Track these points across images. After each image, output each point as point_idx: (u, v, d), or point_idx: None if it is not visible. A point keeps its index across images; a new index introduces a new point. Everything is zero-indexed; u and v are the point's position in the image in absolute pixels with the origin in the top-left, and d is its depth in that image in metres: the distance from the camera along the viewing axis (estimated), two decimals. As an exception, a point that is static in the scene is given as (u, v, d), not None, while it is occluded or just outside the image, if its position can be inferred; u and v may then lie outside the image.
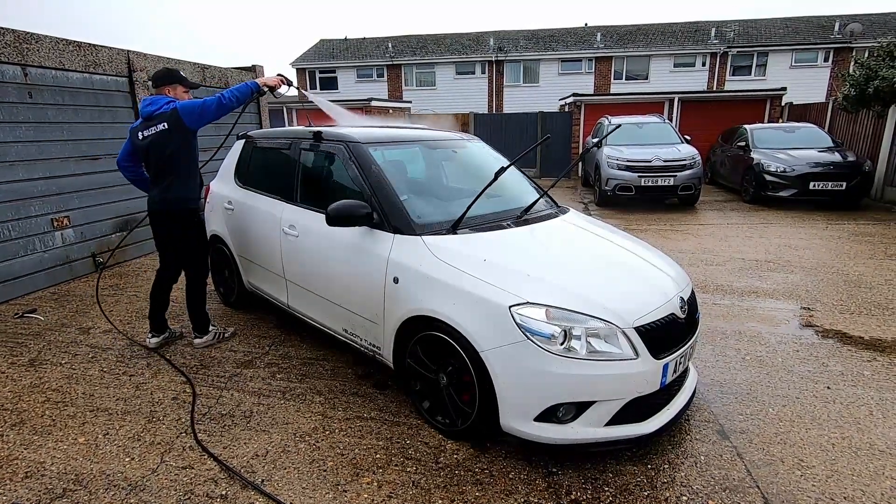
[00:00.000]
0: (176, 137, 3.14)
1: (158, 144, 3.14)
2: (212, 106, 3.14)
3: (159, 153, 3.16)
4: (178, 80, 3.34)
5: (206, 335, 3.57)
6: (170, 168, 3.20)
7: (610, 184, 8.67)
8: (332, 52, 25.31)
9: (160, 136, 3.13)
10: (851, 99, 9.09)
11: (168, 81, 3.29)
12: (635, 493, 2.13)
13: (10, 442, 2.50)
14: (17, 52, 4.60)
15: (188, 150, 3.25)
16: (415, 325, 2.49)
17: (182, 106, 3.14)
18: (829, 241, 6.38)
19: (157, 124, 3.12)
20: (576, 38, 23.95)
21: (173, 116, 3.11)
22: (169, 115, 3.12)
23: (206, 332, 3.57)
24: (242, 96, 3.24)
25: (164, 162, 3.18)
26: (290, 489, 2.15)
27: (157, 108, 3.16)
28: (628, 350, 2.13)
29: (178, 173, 3.23)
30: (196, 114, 3.14)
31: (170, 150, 3.15)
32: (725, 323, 3.89)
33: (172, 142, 3.14)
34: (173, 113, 3.12)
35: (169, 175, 3.21)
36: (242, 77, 7.92)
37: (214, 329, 3.64)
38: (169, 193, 3.23)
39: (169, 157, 3.17)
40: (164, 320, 3.58)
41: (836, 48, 20.71)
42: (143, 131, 3.17)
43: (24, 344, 3.65)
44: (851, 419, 2.63)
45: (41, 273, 4.83)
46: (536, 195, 3.20)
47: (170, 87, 3.29)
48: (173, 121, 3.11)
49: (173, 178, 3.22)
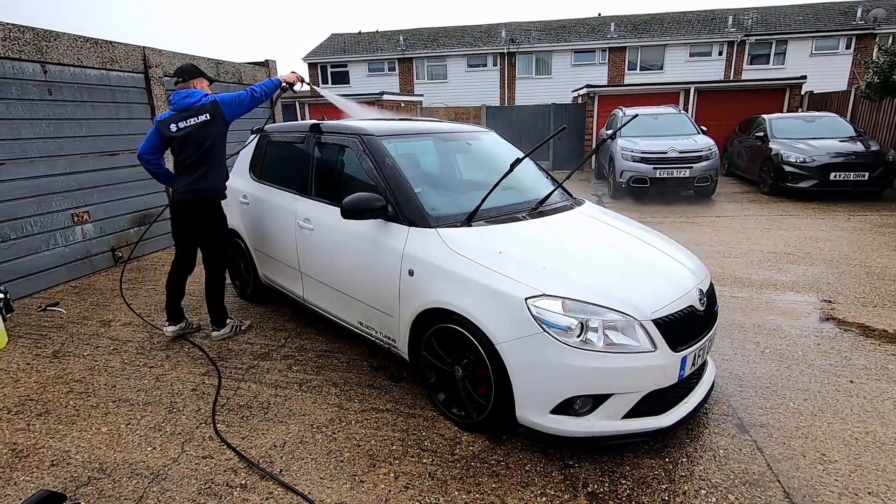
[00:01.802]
0: (215, 129, 3.29)
1: (198, 135, 3.24)
2: (246, 99, 3.35)
3: (198, 144, 3.25)
4: (203, 75, 3.48)
5: (223, 328, 3.61)
6: (206, 158, 3.29)
7: (624, 176, 8.56)
8: (343, 47, 25.30)
9: (202, 126, 3.24)
10: (875, 87, 8.86)
11: (196, 75, 3.42)
12: (653, 486, 2.11)
13: (37, 431, 2.56)
14: (37, 50, 4.67)
15: (223, 141, 3.39)
16: (430, 317, 2.49)
17: (222, 98, 3.31)
18: (851, 232, 6.23)
19: (198, 115, 3.24)
20: (589, 28, 23.62)
21: (215, 108, 3.27)
22: (211, 107, 3.26)
23: (223, 324, 3.62)
24: (269, 90, 3.47)
25: (202, 152, 3.27)
26: (308, 479, 2.18)
27: (196, 101, 3.28)
28: (646, 343, 2.11)
29: (212, 164, 3.32)
30: (234, 106, 3.33)
31: (210, 140, 3.27)
32: (744, 316, 3.83)
33: (212, 133, 3.27)
34: (214, 104, 3.27)
35: (204, 165, 3.30)
36: (255, 72, 7.96)
37: (231, 322, 3.69)
38: (201, 184, 3.30)
39: (208, 148, 3.27)
40: (179, 309, 3.64)
41: (858, 35, 20.13)
42: (178, 123, 3.24)
43: (47, 336, 3.73)
44: (875, 413, 2.58)
45: (63, 267, 4.93)
46: (551, 187, 3.17)
47: (197, 80, 3.40)
48: (214, 111, 3.26)
49: (208, 168, 3.30)
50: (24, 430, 2.57)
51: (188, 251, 3.53)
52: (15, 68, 4.50)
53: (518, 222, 2.71)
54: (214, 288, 3.55)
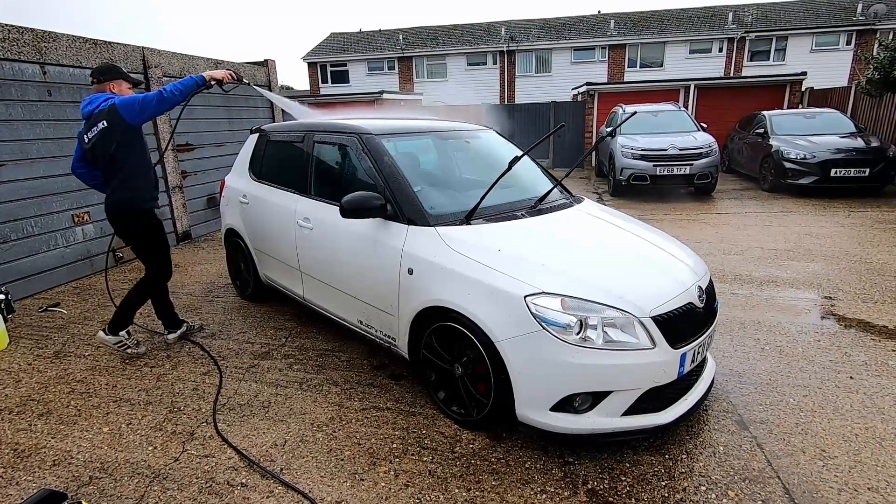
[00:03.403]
0: (118, 135, 2.95)
1: (101, 144, 2.97)
2: (153, 101, 2.96)
3: (103, 153, 2.99)
4: (122, 76, 3.14)
5: (111, 335, 3.31)
6: (116, 168, 3.03)
7: (624, 173, 8.56)
8: (343, 46, 25.29)
9: (104, 134, 2.95)
10: (875, 82, 8.85)
11: (111, 77, 3.09)
12: (653, 482, 2.12)
13: (38, 431, 2.57)
14: (36, 51, 4.68)
15: (133, 147, 3.05)
16: (430, 315, 2.50)
17: (121, 101, 2.95)
18: (851, 229, 6.23)
19: (97, 123, 2.95)
20: (588, 25, 23.59)
21: (112, 113, 2.93)
22: (108, 112, 2.93)
23: (115, 333, 3.32)
24: (186, 90, 3.06)
25: (109, 162, 3.01)
26: (309, 478, 2.18)
27: (95, 108, 2.99)
28: (645, 340, 2.11)
29: (125, 173, 3.05)
30: (136, 109, 2.95)
31: (113, 148, 2.96)
32: (744, 313, 3.83)
33: (115, 140, 2.95)
34: (112, 109, 2.93)
35: (115, 175, 3.06)
36: (255, 72, 7.96)
37: (123, 338, 3.34)
38: (114, 195, 3.09)
39: (112, 157, 2.99)
40: (173, 316, 3.58)
41: (858, 30, 20.09)
42: (87, 133, 3.01)
43: (48, 337, 3.74)
44: (875, 409, 2.58)
45: (63, 268, 4.94)
46: (550, 185, 3.17)
47: (113, 83, 3.10)
48: (112, 117, 2.93)
49: (121, 177, 3.05)
50: (25, 430, 2.58)
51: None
52: (14, 69, 4.51)
53: (517, 220, 2.71)
54: (136, 293, 3.32)
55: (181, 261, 5.68)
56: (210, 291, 4.64)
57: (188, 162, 6.56)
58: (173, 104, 3.03)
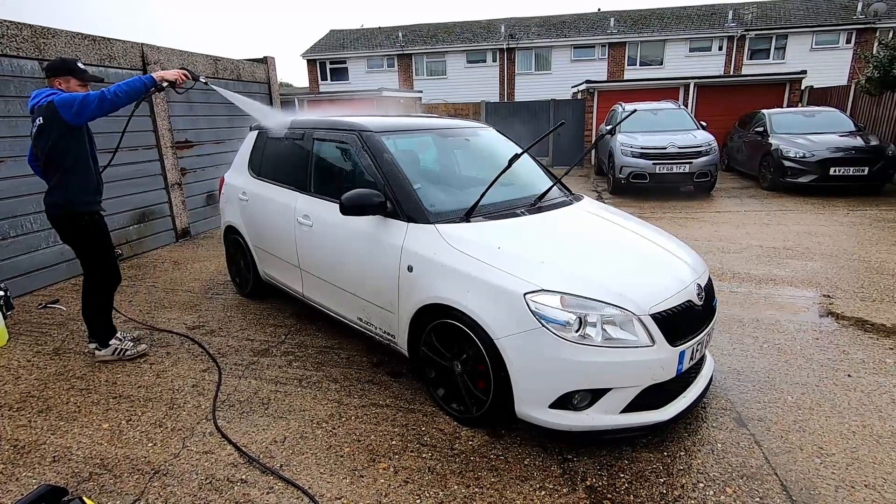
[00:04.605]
0: (54, 133, 2.81)
1: (39, 141, 2.85)
2: (93, 101, 2.76)
3: (42, 150, 2.87)
4: (72, 72, 2.93)
5: (105, 348, 3.23)
6: (53, 167, 2.90)
7: (624, 171, 8.56)
8: (342, 43, 25.23)
9: (42, 130, 2.82)
10: (875, 81, 8.84)
11: (60, 73, 2.91)
12: (651, 479, 2.12)
13: (38, 428, 2.58)
14: (35, 47, 4.66)
15: (70, 147, 2.89)
16: (429, 313, 2.50)
17: (60, 99, 2.78)
18: (850, 227, 6.24)
19: (36, 119, 2.83)
20: (588, 23, 23.55)
21: (49, 110, 2.77)
22: (45, 108, 2.79)
23: (105, 344, 3.23)
24: (132, 91, 2.85)
25: (48, 160, 2.89)
26: (308, 474, 2.19)
27: (36, 103, 2.85)
28: (644, 337, 2.12)
29: (62, 172, 2.91)
30: (74, 108, 2.75)
31: (49, 146, 2.83)
32: (743, 311, 3.84)
33: (51, 138, 2.82)
34: (49, 106, 2.77)
35: (52, 175, 2.93)
36: (254, 69, 7.94)
37: (116, 344, 3.26)
38: (50, 196, 2.96)
39: (48, 155, 2.86)
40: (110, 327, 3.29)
41: (858, 29, 20.07)
42: (32, 128, 2.89)
43: (48, 333, 3.74)
44: (873, 407, 2.59)
45: (62, 265, 4.93)
46: (550, 183, 3.18)
47: (61, 78, 2.91)
48: (49, 114, 2.78)
49: (58, 176, 2.92)
50: (25, 427, 2.58)
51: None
52: (13, 66, 4.50)
53: (517, 218, 2.71)
54: (86, 302, 3.18)
55: (180, 258, 5.68)
56: (209, 289, 4.64)
57: (187, 159, 6.56)
58: (117, 106, 2.83)
